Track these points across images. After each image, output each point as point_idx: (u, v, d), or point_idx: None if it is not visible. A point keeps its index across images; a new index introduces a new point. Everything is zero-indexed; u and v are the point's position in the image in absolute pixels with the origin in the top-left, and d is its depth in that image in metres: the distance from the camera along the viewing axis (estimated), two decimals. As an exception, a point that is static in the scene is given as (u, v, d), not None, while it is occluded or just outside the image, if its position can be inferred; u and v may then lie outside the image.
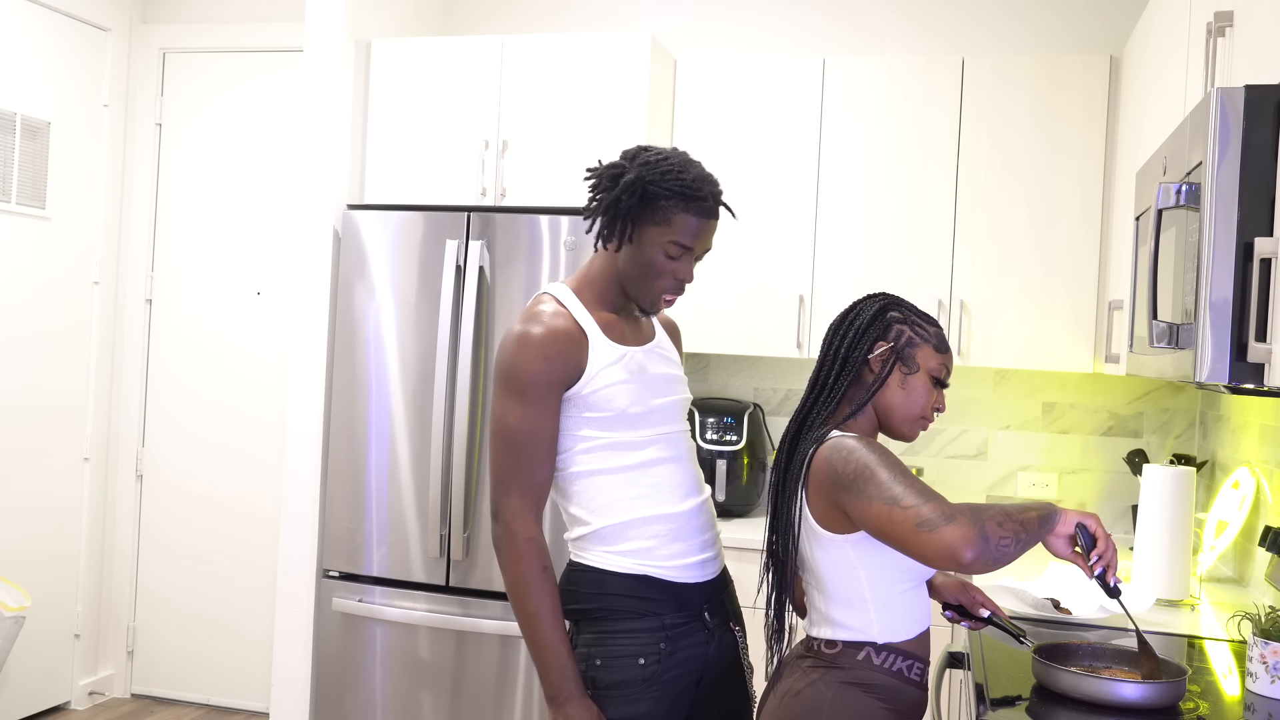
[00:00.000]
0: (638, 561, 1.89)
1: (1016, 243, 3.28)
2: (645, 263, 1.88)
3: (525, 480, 1.85)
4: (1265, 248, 1.41)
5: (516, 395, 1.84)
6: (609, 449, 1.90)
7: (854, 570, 1.69)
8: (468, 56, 3.42)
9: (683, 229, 1.86)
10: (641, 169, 1.86)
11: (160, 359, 4.23)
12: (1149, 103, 2.58)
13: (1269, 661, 1.81)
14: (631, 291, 1.93)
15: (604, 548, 1.90)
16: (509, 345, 1.87)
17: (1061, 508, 1.64)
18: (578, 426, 1.89)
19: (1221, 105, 1.47)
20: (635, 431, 1.91)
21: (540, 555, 1.84)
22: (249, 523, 4.12)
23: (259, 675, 4.11)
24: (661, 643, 1.88)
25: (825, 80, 3.41)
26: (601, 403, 1.88)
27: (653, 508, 1.90)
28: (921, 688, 1.74)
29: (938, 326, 1.79)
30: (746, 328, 3.46)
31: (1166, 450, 3.48)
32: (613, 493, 1.90)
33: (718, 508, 3.44)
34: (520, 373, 1.84)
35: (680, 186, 1.85)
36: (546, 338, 1.84)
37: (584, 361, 1.87)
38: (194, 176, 4.21)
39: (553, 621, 1.83)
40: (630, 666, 1.86)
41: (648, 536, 1.89)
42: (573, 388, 1.87)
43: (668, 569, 1.90)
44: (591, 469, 1.90)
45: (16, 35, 3.74)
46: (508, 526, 1.84)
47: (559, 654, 1.82)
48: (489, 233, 3.24)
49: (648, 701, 1.86)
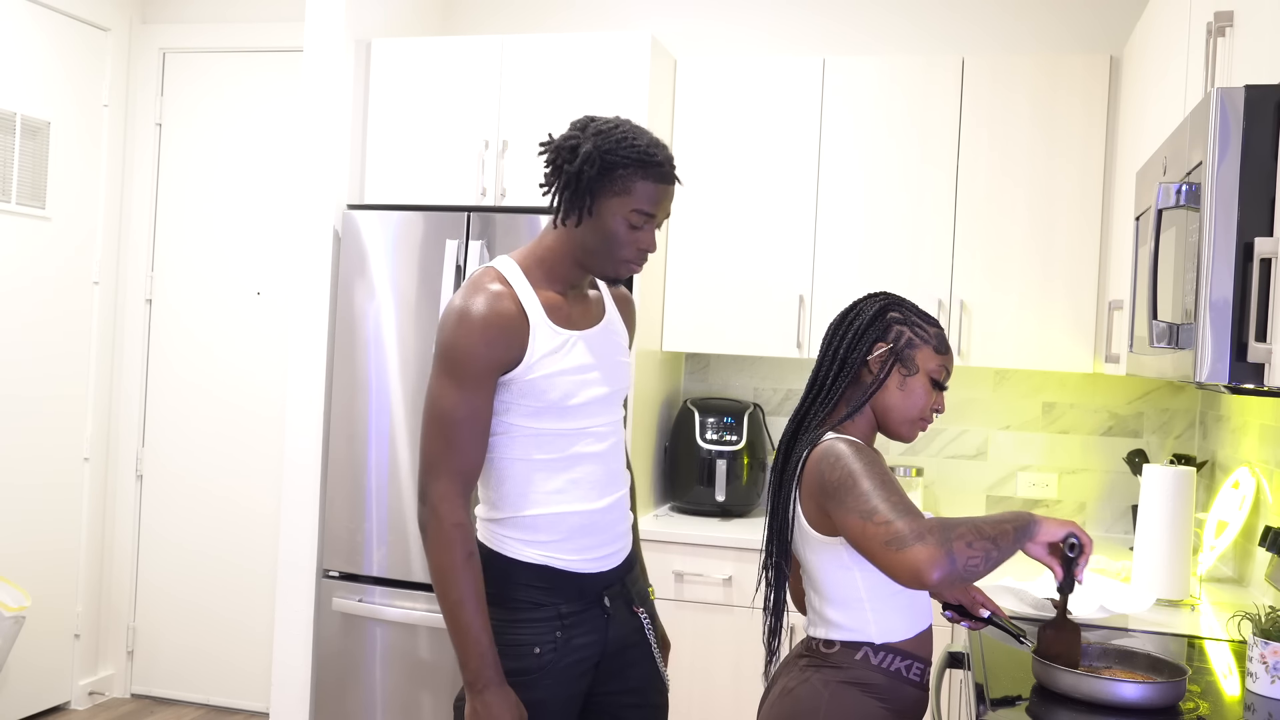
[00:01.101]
0: (543, 553, 1.88)
1: (1016, 243, 3.28)
2: (608, 234, 1.84)
3: (455, 464, 1.81)
4: (1265, 248, 1.41)
5: (453, 377, 1.80)
6: (534, 439, 1.87)
7: (849, 572, 1.69)
8: (468, 56, 3.42)
9: (643, 196, 1.83)
10: (596, 138, 1.82)
11: (160, 359, 4.23)
12: (1149, 103, 2.58)
13: (1269, 661, 1.81)
14: (593, 264, 1.89)
15: (511, 534, 1.89)
16: (449, 323, 1.82)
17: (1040, 517, 1.65)
18: (507, 412, 1.86)
19: (1221, 105, 1.48)
20: (564, 423, 1.88)
21: (466, 541, 1.80)
22: (249, 522, 4.13)
23: (259, 675, 4.11)
24: (558, 631, 1.88)
25: (825, 80, 3.41)
26: (535, 392, 1.84)
27: (569, 504, 1.89)
28: (921, 687, 1.74)
29: (938, 327, 1.78)
30: (746, 328, 3.46)
31: (1166, 450, 3.48)
32: (531, 484, 1.88)
33: (718, 508, 3.44)
34: (459, 354, 1.80)
35: (636, 154, 1.82)
36: (488, 319, 1.80)
37: (523, 347, 1.83)
38: (194, 176, 4.21)
39: (475, 609, 1.80)
40: (526, 655, 1.86)
41: (558, 531, 1.89)
42: (509, 373, 1.83)
43: (572, 561, 1.90)
44: (513, 456, 1.87)
45: (16, 35, 3.74)
46: (434, 510, 1.80)
47: (479, 641, 1.79)
48: (489, 233, 3.24)
49: (542, 688, 1.87)
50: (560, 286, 1.92)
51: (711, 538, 3.18)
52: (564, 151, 1.85)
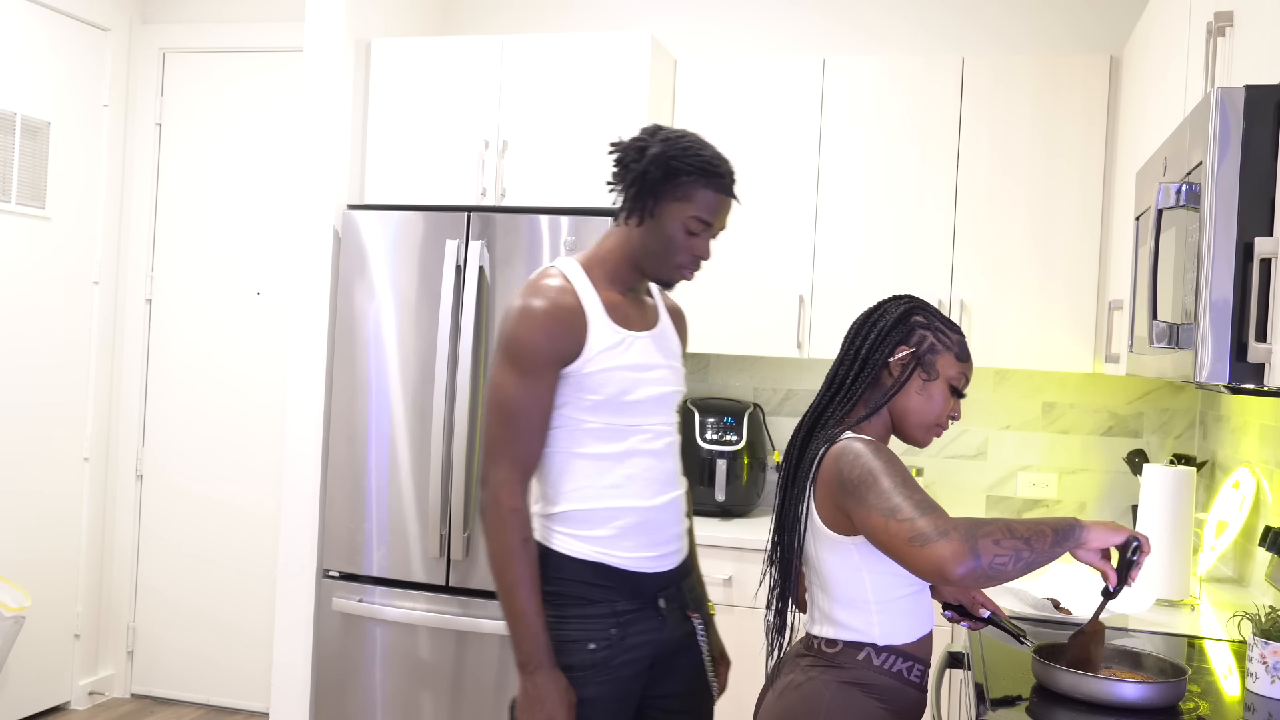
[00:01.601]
0: (597, 549, 1.91)
1: (1016, 243, 3.28)
2: (665, 238, 1.91)
3: (515, 451, 1.86)
4: (1265, 248, 1.41)
5: (515, 367, 1.86)
6: (592, 433, 1.91)
7: (858, 572, 1.69)
8: (468, 56, 3.42)
9: (702, 204, 1.89)
10: (663, 144, 1.89)
11: (160, 359, 4.23)
12: (1149, 103, 2.58)
13: (1269, 661, 1.81)
14: (649, 267, 1.95)
15: (567, 530, 1.92)
16: (513, 316, 1.88)
17: (1087, 522, 1.62)
18: (565, 405, 1.90)
19: (1221, 105, 1.47)
20: (621, 418, 1.92)
21: (523, 527, 1.86)
22: (249, 522, 4.13)
23: (259, 675, 4.11)
24: (612, 629, 1.91)
25: (825, 80, 3.41)
26: (594, 385, 1.89)
27: (624, 499, 1.92)
28: (921, 689, 1.74)
29: (961, 334, 1.78)
30: (746, 328, 3.46)
31: (1166, 450, 3.48)
32: (588, 478, 1.91)
33: (718, 508, 3.44)
34: (521, 345, 1.85)
35: (700, 162, 1.88)
36: (551, 312, 1.86)
37: (584, 340, 1.88)
38: (194, 176, 4.21)
39: (530, 592, 1.85)
40: (580, 651, 1.89)
41: (613, 527, 1.92)
42: (570, 365, 1.88)
43: (626, 559, 1.92)
44: (570, 450, 1.91)
45: (16, 35, 3.74)
46: (494, 496, 1.86)
47: (534, 624, 1.84)
48: (489, 233, 3.24)
49: (596, 686, 1.89)
50: (620, 288, 1.98)
51: (712, 538, 3.18)
52: (631, 151, 1.91)
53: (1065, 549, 1.59)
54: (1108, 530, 1.62)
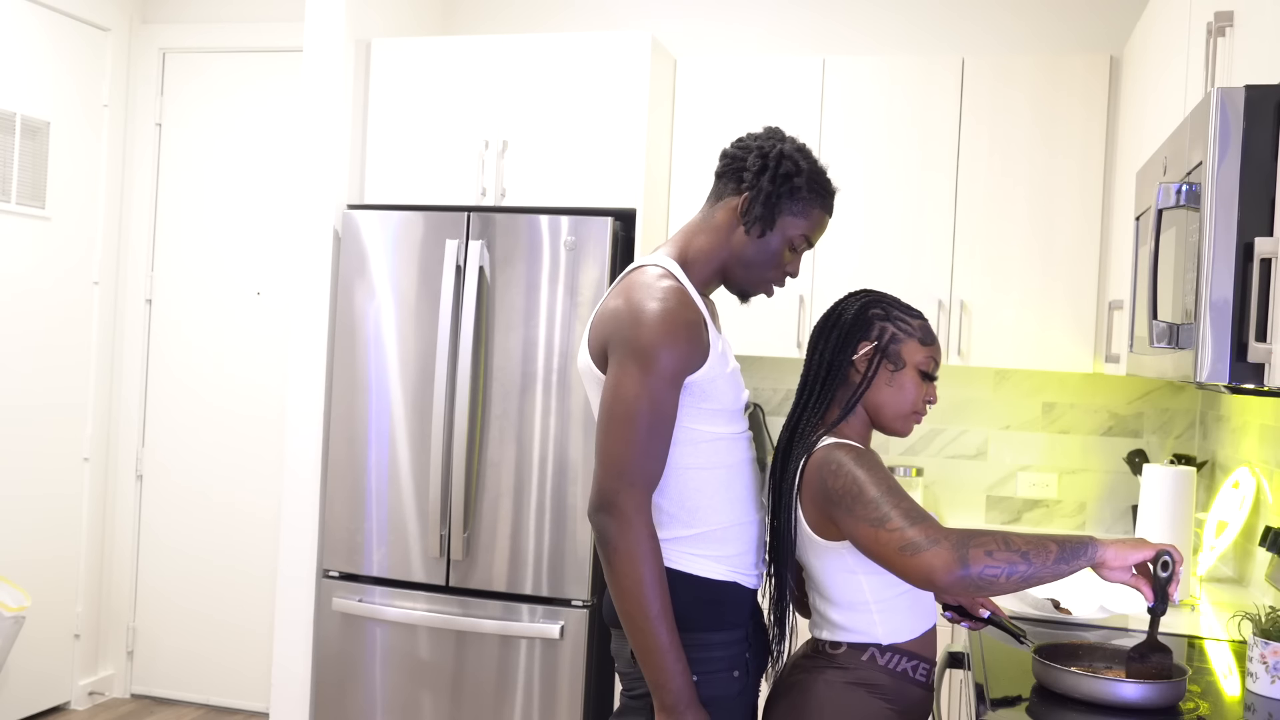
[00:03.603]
0: (730, 569, 1.77)
1: (1016, 243, 3.28)
2: (772, 251, 1.82)
3: (648, 469, 1.69)
4: (1265, 248, 1.41)
5: (650, 374, 1.68)
6: (713, 444, 1.78)
7: (853, 576, 1.69)
8: (468, 56, 3.42)
9: (814, 224, 1.83)
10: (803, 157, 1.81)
11: (160, 359, 4.23)
12: (1149, 103, 2.58)
13: (1269, 661, 1.81)
14: (739, 275, 1.84)
15: (700, 551, 1.76)
16: (641, 320, 1.69)
17: (1106, 541, 1.58)
18: (689, 417, 1.75)
19: (1221, 105, 1.47)
20: (734, 427, 1.81)
21: (659, 555, 1.69)
22: (249, 523, 4.12)
23: (259, 675, 4.11)
24: (746, 653, 1.79)
25: (825, 80, 3.41)
26: (715, 393, 1.76)
27: (748, 512, 1.81)
28: (927, 688, 1.74)
29: (922, 319, 1.77)
30: (746, 328, 3.45)
31: (1166, 450, 3.48)
32: (714, 493, 1.77)
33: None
34: (658, 351, 1.68)
35: (822, 181, 1.82)
36: (686, 316, 1.71)
37: (708, 346, 1.75)
38: (194, 176, 4.21)
39: (670, 626, 1.68)
40: (727, 680, 1.75)
41: (742, 542, 1.79)
42: (694, 374, 1.73)
43: (750, 576, 1.81)
44: (697, 465, 1.76)
45: (16, 35, 3.74)
46: (629, 521, 1.67)
47: (679, 660, 1.67)
48: (489, 233, 3.24)
49: (740, 715, 1.78)
50: (704, 289, 1.87)
51: (711, 538, 3.17)
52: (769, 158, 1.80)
53: (1076, 566, 1.55)
54: (1129, 548, 1.57)
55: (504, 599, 3.21)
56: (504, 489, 3.21)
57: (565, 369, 3.18)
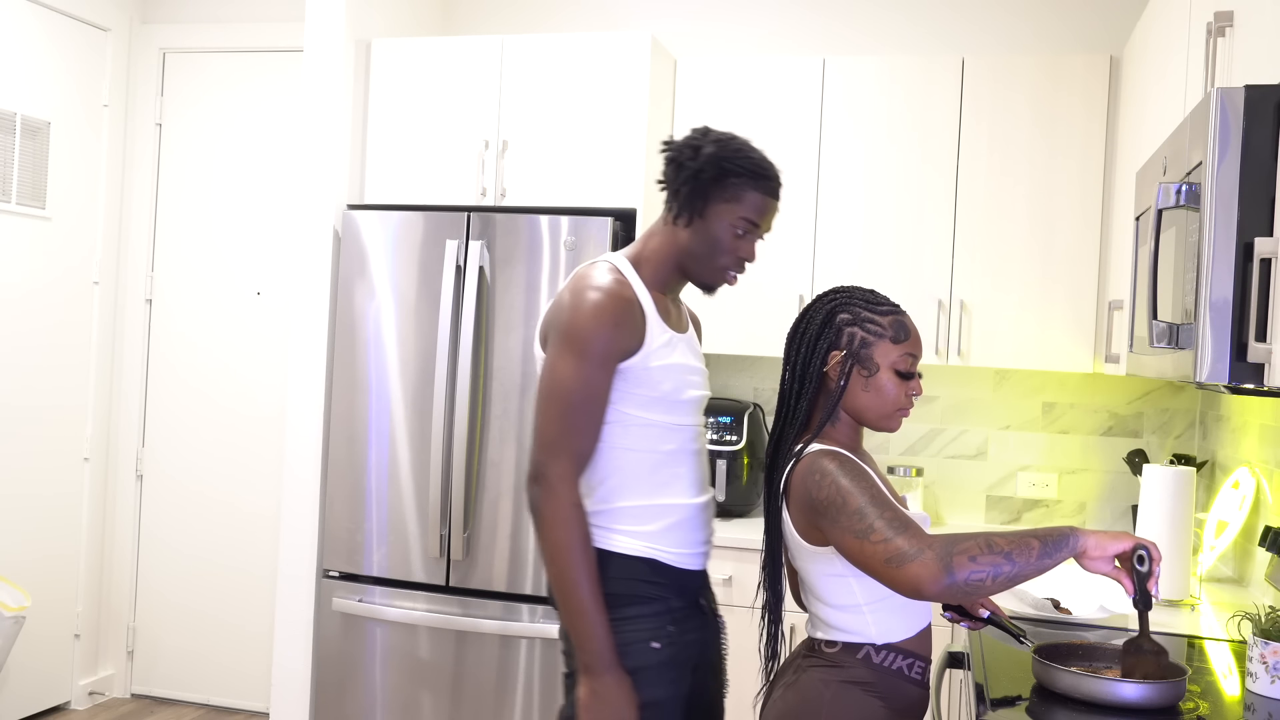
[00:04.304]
0: (650, 545, 1.89)
1: (1016, 243, 3.28)
2: (713, 239, 1.90)
3: (574, 445, 1.82)
4: (1265, 248, 1.41)
5: (581, 357, 1.81)
6: (645, 429, 1.89)
7: (843, 579, 1.69)
8: (468, 56, 3.42)
9: (752, 206, 1.90)
10: (716, 144, 1.89)
11: (160, 359, 4.23)
12: (1149, 103, 2.58)
13: (1269, 661, 1.81)
14: (693, 269, 1.94)
15: (619, 527, 1.88)
16: (574, 306, 1.83)
17: (1087, 531, 1.57)
18: (622, 401, 1.87)
19: (1221, 105, 1.47)
20: (672, 417, 1.91)
21: (584, 522, 1.82)
22: (249, 523, 4.12)
23: (259, 675, 4.11)
24: (670, 625, 1.88)
25: (825, 80, 3.41)
26: (651, 381, 1.87)
27: (673, 496, 1.91)
28: (923, 686, 1.74)
29: (894, 314, 1.72)
30: (746, 328, 3.46)
31: (1166, 450, 3.48)
32: (639, 474, 1.89)
33: (718, 508, 3.44)
34: (587, 335, 1.81)
35: (751, 164, 1.89)
36: (618, 305, 1.83)
37: (644, 335, 1.87)
38: (194, 176, 4.21)
39: (594, 588, 1.80)
40: (644, 651, 1.85)
41: (662, 523, 1.90)
42: (629, 360, 1.86)
43: (673, 555, 1.91)
44: (625, 446, 1.88)
45: (16, 35, 3.74)
46: (554, 490, 1.80)
47: (599, 622, 1.79)
48: (489, 233, 3.24)
49: (664, 686, 1.86)
50: (661, 289, 1.97)
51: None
52: (686, 150, 1.91)
53: (1060, 558, 1.55)
54: (1109, 539, 1.57)
55: (504, 599, 3.21)
56: (504, 489, 3.21)
57: (565, 369, 3.18)
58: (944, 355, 3.33)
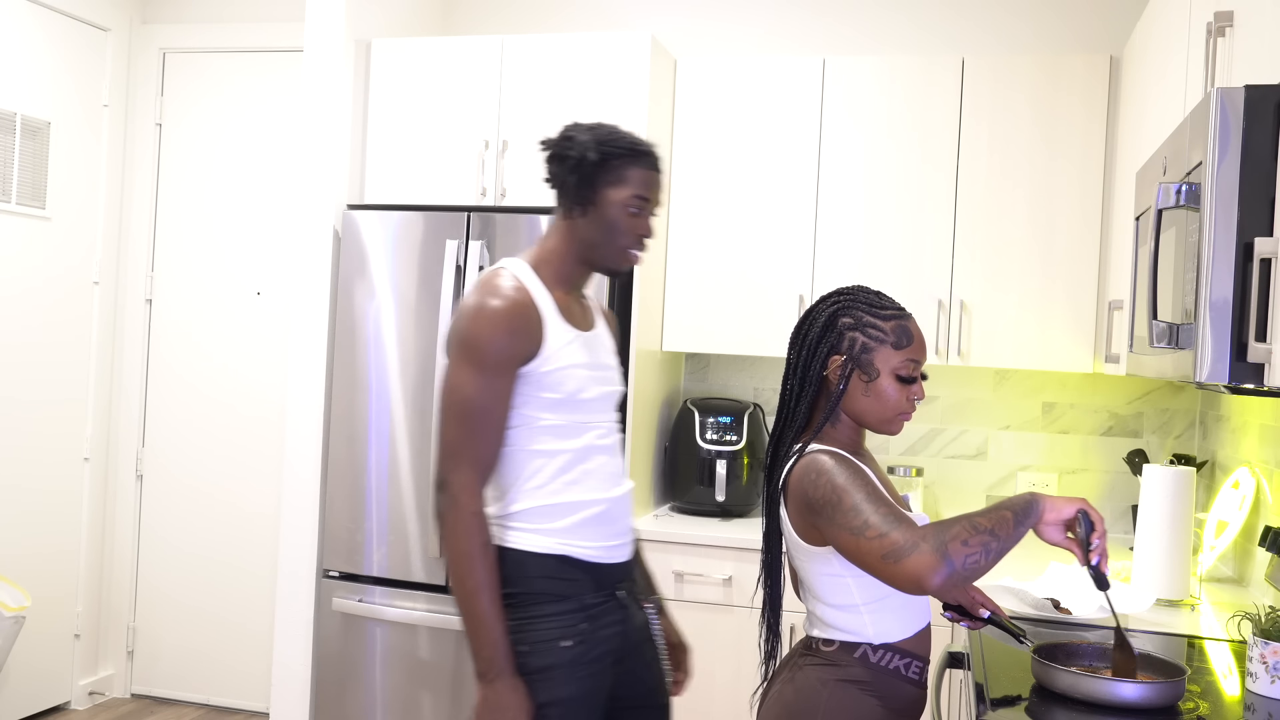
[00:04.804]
0: (559, 541, 1.91)
1: (1016, 243, 3.28)
2: (608, 223, 1.94)
3: (476, 453, 1.85)
4: (1265, 248, 1.41)
5: (476, 366, 1.85)
6: (550, 430, 1.92)
7: (841, 579, 1.69)
8: (468, 56, 3.42)
9: (638, 182, 1.94)
10: (590, 133, 1.94)
11: (160, 359, 4.23)
12: (1149, 103, 2.58)
13: (1269, 661, 1.81)
14: (596, 257, 1.97)
15: (526, 526, 1.91)
16: (470, 316, 1.87)
17: (1044, 495, 1.60)
18: (525, 405, 1.90)
19: (1221, 105, 1.47)
20: (579, 416, 1.94)
21: (484, 530, 1.85)
22: (249, 523, 4.12)
23: (259, 675, 4.11)
24: (583, 623, 1.91)
25: (825, 80, 3.41)
26: (554, 384, 1.90)
27: (584, 493, 1.94)
28: (920, 685, 1.74)
29: (897, 319, 1.71)
30: (746, 328, 3.46)
31: (1166, 450, 3.48)
32: (549, 474, 1.92)
33: (718, 508, 3.44)
34: (482, 344, 1.84)
35: (628, 144, 1.94)
36: (510, 311, 1.86)
37: (542, 339, 1.90)
38: (194, 176, 4.21)
39: (491, 598, 1.83)
40: (553, 650, 1.88)
41: (573, 520, 1.92)
42: (528, 365, 1.89)
43: (587, 549, 1.93)
44: (530, 449, 1.92)
45: (16, 35, 3.74)
46: (455, 499, 1.84)
47: (495, 630, 1.82)
48: (489, 233, 3.24)
49: (574, 683, 1.89)
50: (565, 286, 1.99)
51: (711, 538, 3.18)
52: (564, 144, 1.96)
53: (1030, 524, 1.58)
54: (1063, 502, 1.60)
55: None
56: (504, 489, 3.21)
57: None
58: (944, 355, 3.33)
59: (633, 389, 3.27)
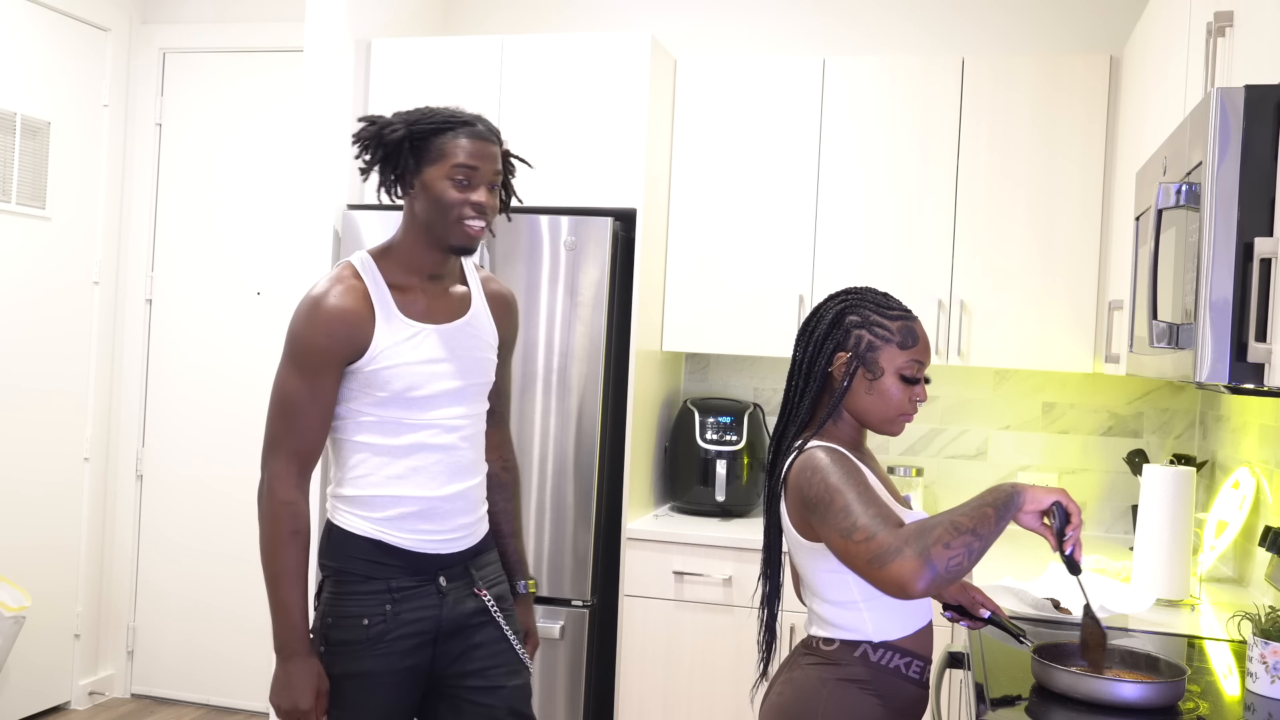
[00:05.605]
0: (378, 528, 1.97)
1: (1016, 243, 3.28)
2: (437, 199, 1.93)
3: (293, 445, 1.92)
4: (1265, 248, 1.41)
5: (296, 365, 1.91)
6: (376, 425, 1.96)
7: (840, 575, 1.69)
8: (468, 56, 3.42)
9: (458, 152, 1.94)
10: (399, 117, 1.96)
11: (160, 359, 4.23)
12: (1149, 103, 2.58)
13: (1269, 661, 1.81)
14: (436, 235, 1.97)
15: (352, 511, 1.98)
16: (299, 314, 1.93)
17: (1024, 485, 1.60)
18: (352, 399, 1.96)
19: (1221, 105, 1.47)
20: (408, 413, 1.96)
21: (293, 519, 1.91)
22: (249, 523, 4.12)
23: (260, 675, 4.11)
24: (387, 604, 1.96)
25: (825, 80, 3.41)
26: (379, 382, 1.94)
27: (407, 489, 1.98)
28: (921, 685, 1.74)
29: (903, 319, 1.72)
30: (746, 328, 3.46)
31: (1166, 450, 3.48)
32: (372, 467, 1.97)
33: (717, 508, 3.44)
34: (303, 344, 1.91)
35: (441, 118, 1.95)
36: (333, 314, 1.90)
37: (367, 340, 1.92)
38: (194, 176, 4.21)
39: (293, 583, 1.91)
40: (355, 627, 1.95)
41: (395, 511, 1.97)
42: (354, 363, 1.93)
43: (406, 539, 1.98)
44: (356, 440, 1.97)
45: (16, 35, 3.74)
46: (269, 487, 1.92)
47: (292, 614, 1.91)
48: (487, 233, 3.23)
49: (371, 659, 1.95)
50: (415, 278, 2.01)
51: (711, 538, 3.18)
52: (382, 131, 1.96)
53: (1010, 517, 1.58)
54: (1043, 492, 1.60)
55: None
56: (504, 489, 3.21)
57: (565, 369, 3.19)
58: (944, 355, 3.33)
59: (633, 389, 3.27)
